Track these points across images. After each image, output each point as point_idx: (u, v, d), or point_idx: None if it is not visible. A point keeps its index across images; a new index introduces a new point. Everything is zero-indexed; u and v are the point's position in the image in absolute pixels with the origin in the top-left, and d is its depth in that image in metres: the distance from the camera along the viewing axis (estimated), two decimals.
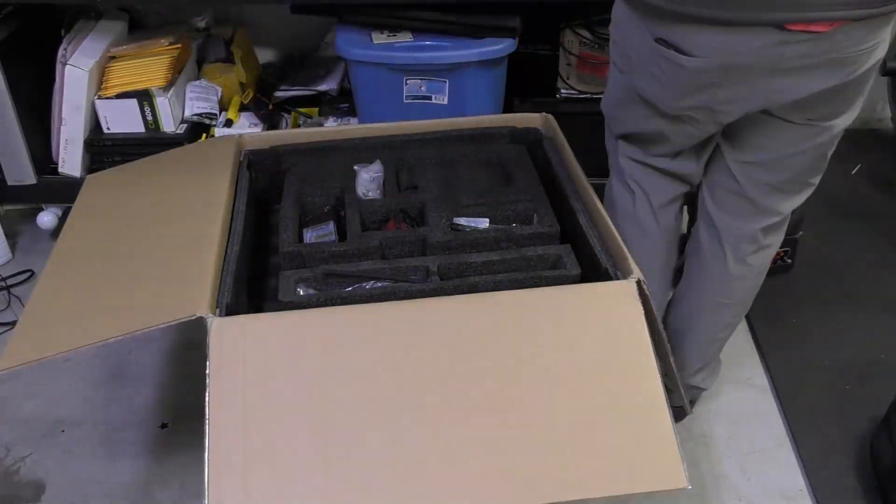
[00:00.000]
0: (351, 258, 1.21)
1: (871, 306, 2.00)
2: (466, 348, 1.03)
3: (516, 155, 1.48)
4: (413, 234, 1.26)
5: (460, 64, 1.89)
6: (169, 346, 1.93)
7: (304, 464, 0.95)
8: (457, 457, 0.96)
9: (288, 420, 0.97)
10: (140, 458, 1.66)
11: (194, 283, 1.10)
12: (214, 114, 2.13)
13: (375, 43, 1.92)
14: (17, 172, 2.05)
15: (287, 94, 2.21)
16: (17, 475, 1.63)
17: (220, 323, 1.03)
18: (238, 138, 1.47)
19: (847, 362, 1.85)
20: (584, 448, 0.97)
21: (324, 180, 1.40)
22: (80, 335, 1.12)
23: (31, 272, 2.14)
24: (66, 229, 1.41)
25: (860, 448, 1.65)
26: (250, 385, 0.99)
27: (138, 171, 1.54)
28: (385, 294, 1.11)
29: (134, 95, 2.01)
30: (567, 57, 2.10)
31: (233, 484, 0.93)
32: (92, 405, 1.78)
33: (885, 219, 2.28)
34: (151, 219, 1.36)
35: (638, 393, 1.00)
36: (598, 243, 1.20)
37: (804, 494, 1.59)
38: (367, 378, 1.01)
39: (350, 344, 1.03)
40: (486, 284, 1.13)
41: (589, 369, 1.02)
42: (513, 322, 1.05)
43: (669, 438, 0.96)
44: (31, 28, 2.02)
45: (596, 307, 1.07)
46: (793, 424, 1.71)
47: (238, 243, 1.21)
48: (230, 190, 1.33)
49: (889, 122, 2.62)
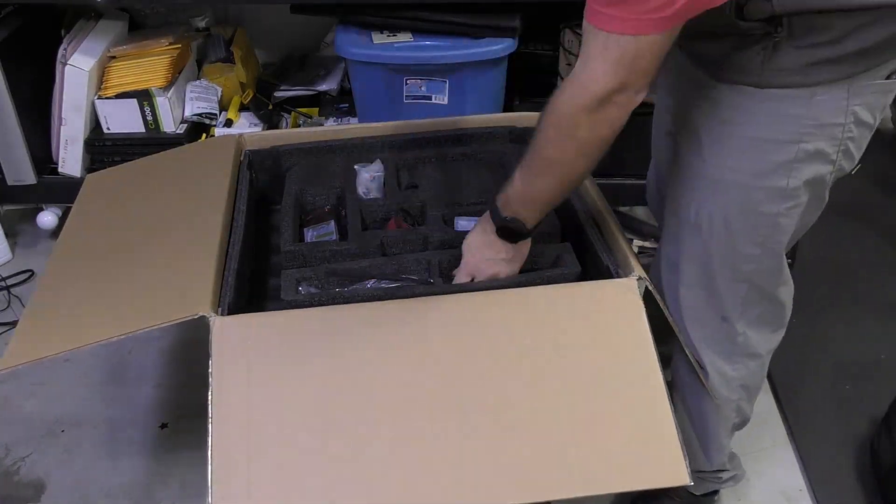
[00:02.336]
0: (352, 257, 1.21)
1: (872, 306, 2.00)
2: (468, 347, 1.03)
3: (516, 155, 1.48)
4: (414, 233, 1.26)
5: (460, 64, 1.89)
6: (169, 345, 1.93)
7: (306, 462, 0.95)
8: (459, 454, 0.96)
9: (290, 418, 0.97)
10: (140, 457, 1.66)
11: (196, 283, 1.10)
12: (214, 114, 2.13)
13: (375, 43, 1.92)
14: (17, 172, 2.05)
15: (287, 94, 2.21)
16: (17, 475, 1.63)
17: (223, 322, 1.03)
18: (238, 138, 1.47)
19: (847, 362, 1.85)
20: (587, 445, 0.97)
21: (324, 180, 1.40)
22: (80, 335, 1.12)
23: (31, 272, 2.14)
24: (66, 229, 1.41)
25: (860, 448, 1.65)
26: (252, 383, 0.99)
27: (138, 170, 1.54)
28: (386, 293, 1.11)
29: (134, 95, 2.01)
30: (567, 57, 2.10)
31: (235, 483, 0.93)
32: (92, 405, 1.78)
33: (885, 219, 2.28)
34: (152, 218, 1.35)
35: (640, 390, 1.00)
36: (599, 241, 1.20)
37: (804, 494, 1.59)
38: (369, 376, 1.01)
39: (352, 343, 1.03)
40: (486, 283, 1.13)
41: (591, 366, 1.02)
42: (514, 320, 1.05)
43: (672, 435, 0.96)
44: (31, 28, 2.02)
45: (597, 305, 1.07)
46: (793, 424, 1.71)
47: (239, 243, 1.21)
48: (231, 190, 1.33)
49: (889, 123, 2.63)
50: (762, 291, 1.20)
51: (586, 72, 0.93)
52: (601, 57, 0.91)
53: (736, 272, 1.17)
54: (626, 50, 0.89)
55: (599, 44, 0.91)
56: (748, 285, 1.18)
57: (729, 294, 1.19)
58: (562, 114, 0.98)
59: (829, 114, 1.02)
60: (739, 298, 1.20)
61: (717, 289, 1.19)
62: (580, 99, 0.94)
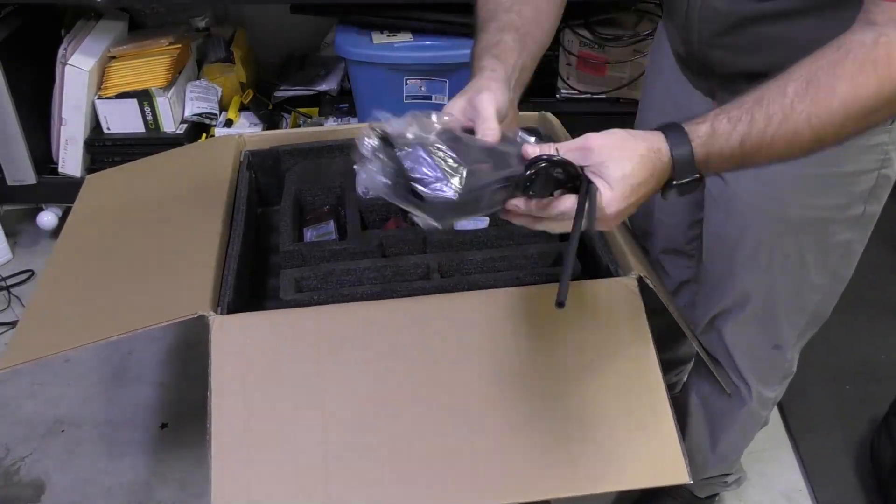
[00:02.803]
0: (351, 256, 1.21)
1: (872, 307, 2.00)
2: (468, 345, 1.03)
3: None
4: (413, 233, 1.26)
5: (460, 64, 1.89)
6: (169, 345, 1.93)
7: (306, 461, 0.95)
8: (459, 453, 0.96)
9: (290, 418, 0.97)
10: (140, 457, 1.66)
11: (195, 282, 1.10)
12: (214, 114, 2.13)
13: (375, 43, 1.92)
14: (17, 172, 2.05)
15: (287, 94, 2.22)
16: (17, 475, 1.63)
17: (222, 321, 1.03)
18: (238, 138, 1.47)
19: (847, 362, 1.85)
20: (586, 444, 0.97)
21: (324, 180, 1.40)
22: (80, 334, 1.11)
23: (31, 272, 2.14)
24: (66, 229, 1.41)
25: (860, 448, 1.65)
26: (252, 382, 0.99)
27: (139, 170, 1.53)
28: (386, 292, 1.11)
29: (134, 95, 2.02)
30: (567, 57, 2.10)
31: (235, 482, 0.93)
32: (92, 405, 1.78)
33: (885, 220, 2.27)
34: (152, 218, 1.35)
35: (640, 389, 1.00)
36: (599, 240, 1.20)
37: (804, 494, 1.59)
38: (369, 375, 1.01)
39: (351, 341, 1.03)
40: (486, 282, 1.12)
41: (590, 365, 1.02)
42: (514, 319, 1.05)
43: (671, 434, 0.96)
44: (31, 28, 2.02)
45: (597, 304, 1.07)
46: (793, 424, 1.71)
47: (239, 242, 1.21)
48: (231, 189, 1.33)
49: None
50: (821, 317, 1.17)
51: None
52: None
53: (801, 303, 1.13)
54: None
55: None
56: (809, 315, 1.15)
57: (788, 325, 1.16)
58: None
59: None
60: (798, 328, 1.17)
61: (777, 321, 1.15)
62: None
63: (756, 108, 0.77)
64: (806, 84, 0.75)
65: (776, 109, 0.76)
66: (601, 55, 2.08)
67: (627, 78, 2.10)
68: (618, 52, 2.08)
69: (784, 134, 0.76)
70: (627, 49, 2.06)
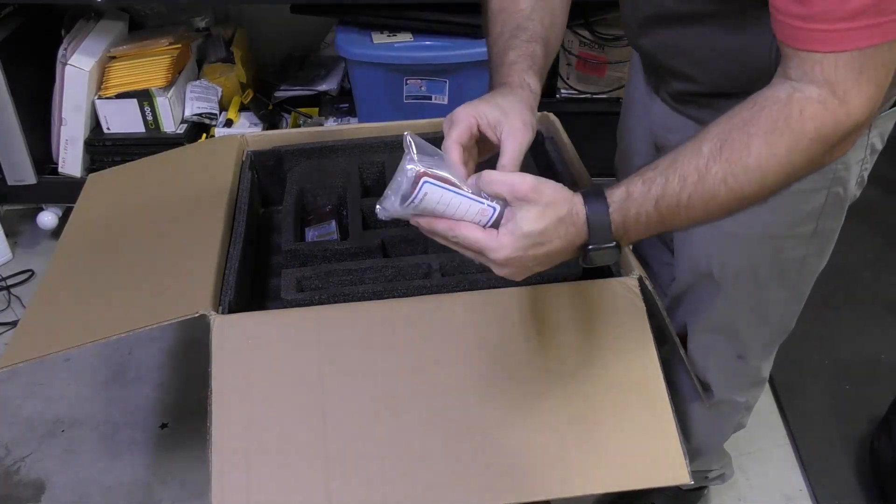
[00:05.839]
0: (353, 256, 1.21)
1: (871, 306, 2.00)
2: (468, 345, 1.03)
3: None
4: (414, 233, 1.25)
5: (460, 64, 1.89)
6: (169, 345, 1.93)
7: (306, 462, 0.95)
8: (459, 453, 0.96)
9: (291, 417, 0.97)
10: (140, 457, 1.66)
11: (196, 282, 1.10)
12: (214, 114, 2.13)
13: (375, 43, 1.92)
14: (17, 172, 2.05)
15: (287, 94, 2.22)
16: (17, 475, 1.63)
17: (223, 320, 1.03)
18: (240, 138, 1.47)
19: (847, 362, 1.85)
20: (587, 444, 0.97)
21: (325, 180, 1.40)
22: (81, 334, 1.11)
23: (31, 272, 2.14)
24: (67, 228, 1.41)
25: (860, 448, 1.65)
26: (253, 382, 0.99)
27: (141, 170, 1.53)
28: (387, 291, 1.11)
29: (134, 95, 2.02)
30: (567, 57, 2.11)
31: (236, 483, 0.93)
32: (92, 405, 1.78)
33: (885, 219, 2.28)
34: (153, 218, 1.35)
35: (640, 389, 1.00)
36: None
37: (804, 494, 1.59)
38: (370, 375, 1.01)
39: (352, 341, 1.03)
40: (487, 281, 1.12)
41: (591, 365, 1.02)
42: (514, 319, 1.05)
43: (672, 434, 0.96)
44: (31, 28, 2.02)
45: (597, 304, 1.07)
46: (793, 424, 1.71)
47: (240, 242, 1.21)
48: (232, 189, 1.33)
49: None
50: (784, 329, 1.18)
51: (845, 107, 0.73)
52: (860, 83, 0.72)
53: (761, 318, 1.14)
54: (885, 61, 0.72)
55: (854, 68, 0.71)
56: (771, 328, 1.16)
57: (751, 338, 1.17)
58: (811, 139, 0.74)
59: (855, 152, 0.99)
60: (762, 342, 1.18)
61: (739, 334, 1.16)
62: (832, 136, 0.74)
63: (670, 170, 0.76)
64: (720, 144, 0.75)
65: (690, 170, 0.75)
66: (601, 55, 2.08)
67: (627, 78, 2.11)
68: (618, 52, 2.08)
69: (701, 194, 0.75)
70: (627, 49, 2.06)
